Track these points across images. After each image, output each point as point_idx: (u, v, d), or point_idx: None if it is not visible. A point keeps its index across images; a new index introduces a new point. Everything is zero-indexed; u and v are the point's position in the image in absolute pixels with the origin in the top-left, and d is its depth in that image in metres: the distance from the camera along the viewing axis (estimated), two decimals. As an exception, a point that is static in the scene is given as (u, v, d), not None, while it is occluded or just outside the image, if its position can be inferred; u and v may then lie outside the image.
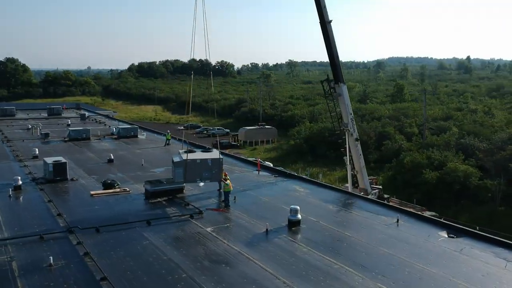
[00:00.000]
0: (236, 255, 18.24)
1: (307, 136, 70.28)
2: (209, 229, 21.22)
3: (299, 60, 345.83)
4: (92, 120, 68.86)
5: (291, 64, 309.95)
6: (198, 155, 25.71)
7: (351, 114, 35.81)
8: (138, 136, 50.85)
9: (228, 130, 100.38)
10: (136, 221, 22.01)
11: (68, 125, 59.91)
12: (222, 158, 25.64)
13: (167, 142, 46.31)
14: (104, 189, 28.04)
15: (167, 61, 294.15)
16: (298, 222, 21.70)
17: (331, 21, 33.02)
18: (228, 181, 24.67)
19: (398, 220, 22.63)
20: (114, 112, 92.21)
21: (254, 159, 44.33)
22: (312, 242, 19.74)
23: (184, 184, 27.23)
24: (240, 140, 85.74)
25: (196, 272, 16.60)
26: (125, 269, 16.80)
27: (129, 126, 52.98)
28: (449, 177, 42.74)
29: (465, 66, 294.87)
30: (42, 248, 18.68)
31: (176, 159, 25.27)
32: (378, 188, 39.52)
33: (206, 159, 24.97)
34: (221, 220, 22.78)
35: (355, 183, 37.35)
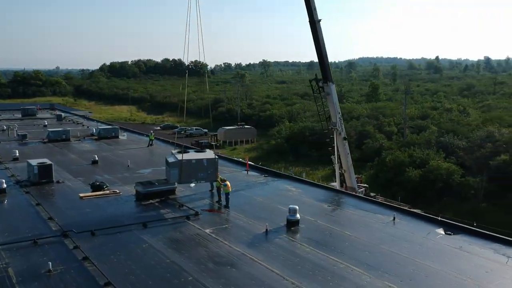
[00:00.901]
0: (240, 256, 17.98)
1: (288, 136, 70.44)
2: (207, 231, 20.89)
3: (272, 60, 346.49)
4: (69, 120, 67.30)
5: (264, 64, 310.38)
6: (193, 155, 25.29)
7: (339, 113, 35.94)
8: (119, 136, 49.88)
9: (206, 130, 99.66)
10: (132, 223, 21.49)
11: (45, 126, 58.38)
12: (217, 158, 25.30)
13: (150, 142, 45.54)
14: (92, 191, 27.34)
15: (139, 60, 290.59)
16: (297, 222, 21.57)
17: (320, 20, 33.09)
18: (227, 182, 24.33)
19: (394, 218, 22.76)
20: (89, 112, 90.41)
21: (241, 159, 43.97)
22: (314, 241, 19.64)
23: (176, 185, 26.80)
24: (220, 140, 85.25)
25: (201, 274, 16.28)
26: (127, 273, 16.34)
27: (109, 127, 51.97)
28: (432, 175, 43.44)
29: (434, 66, 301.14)
30: (37, 254, 18.01)
31: (171, 159, 24.78)
32: (364, 187, 39.85)
33: (202, 159, 24.58)
34: (218, 221, 22.47)
35: (342, 182, 37.49)
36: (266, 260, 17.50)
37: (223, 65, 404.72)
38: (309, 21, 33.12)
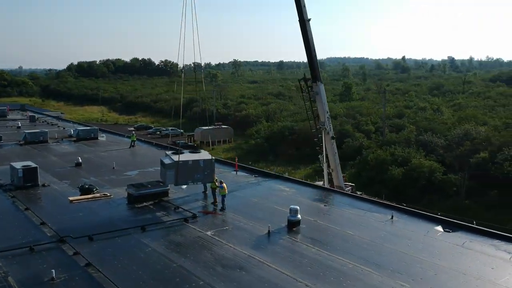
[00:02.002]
0: (247, 259, 17.68)
1: (267, 136, 70.35)
2: (209, 233, 20.50)
3: (241, 60, 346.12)
4: (43, 122, 65.27)
5: (236, 64, 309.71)
6: (188, 156, 24.79)
7: (327, 112, 36.02)
8: (98, 138, 48.69)
9: (182, 131, 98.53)
10: (129, 227, 20.89)
11: (19, 127, 56.41)
12: (214, 159, 24.91)
13: (132, 143, 44.56)
14: (81, 194, 26.48)
15: (108, 60, 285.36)
16: (298, 222, 21.42)
17: (310, 19, 33.06)
18: (223, 184, 23.93)
19: (392, 216, 22.89)
20: (62, 113, 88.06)
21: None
22: (318, 242, 19.53)
23: (169, 187, 26.27)
24: (197, 140, 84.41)
25: (212, 278, 15.92)
26: (135, 279, 15.83)
27: (88, 128, 50.66)
28: (414, 172, 44.11)
29: (401, 66, 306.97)
30: (35, 261, 17.26)
31: (167, 161, 24.23)
32: (351, 185, 40.09)
33: (198, 160, 24.13)
34: (218, 223, 22.08)
35: (329, 181, 37.57)
36: (275, 262, 17.26)
37: (192, 65, 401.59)
38: (299, 20, 33.06)
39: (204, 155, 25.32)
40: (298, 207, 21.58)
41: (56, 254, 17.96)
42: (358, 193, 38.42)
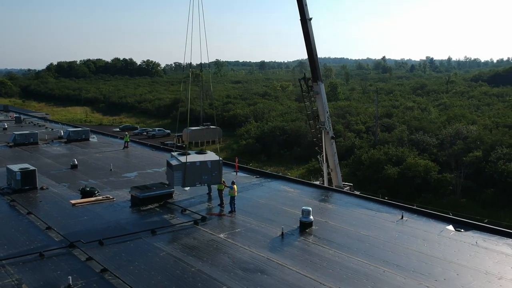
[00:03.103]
0: (266, 261, 17.33)
1: (258, 136, 70.03)
2: (222, 236, 20.10)
3: (223, 60, 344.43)
4: (29, 123, 63.76)
5: (218, 64, 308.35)
6: (195, 157, 24.28)
7: (327, 112, 35.86)
8: (90, 139, 47.74)
9: (169, 131, 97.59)
10: (139, 231, 20.35)
11: (5, 129, 54.94)
12: (221, 160, 24.48)
13: (126, 144, 43.76)
14: (82, 197, 25.80)
15: (88, 60, 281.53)
16: (310, 224, 21.16)
17: (311, 18, 32.85)
18: (234, 186, 23.49)
19: (402, 216, 22.82)
20: (46, 114, 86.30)
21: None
22: (334, 243, 19.29)
23: (174, 189, 25.78)
24: (185, 141, 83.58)
25: (234, 283, 15.54)
26: (156, 284, 15.35)
27: (79, 129, 49.61)
28: (410, 171, 44.31)
29: (382, 66, 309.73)
30: (48, 267, 16.63)
31: (174, 162, 23.68)
32: (349, 185, 40.03)
33: (206, 161, 23.65)
34: (228, 225, 21.69)
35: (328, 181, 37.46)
36: (295, 265, 16.97)
37: (173, 65, 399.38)
38: (300, 19, 32.83)
39: (211, 156, 24.85)
40: (310, 209, 21.32)
41: (68, 260, 17.34)
42: (357, 192, 38.43)
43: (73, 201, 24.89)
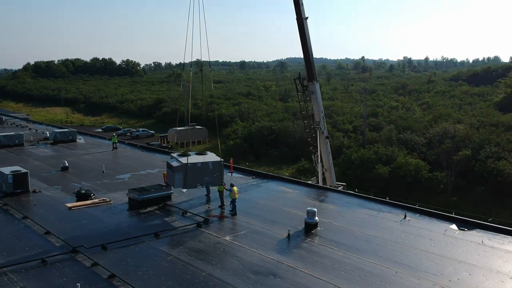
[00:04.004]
0: (276, 264, 17.04)
1: (246, 136, 69.66)
2: (227, 238, 19.74)
3: (203, 59, 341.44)
4: (11, 124, 62.15)
5: (199, 64, 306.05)
6: (196, 158, 23.81)
7: (322, 112, 35.74)
8: (77, 140, 46.75)
9: (153, 132, 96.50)
10: (142, 234, 19.83)
11: (-13, 130, 53.38)
12: (222, 161, 24.08)
13: (114, 145, 42.91)
14: (78, 200, 25.12)
15: (67, 60, 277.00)
16: (315, 225, 20.95)
17: (307, 18, 32.68)
18: (234, 188, 23.11)
19: (405, 216, 22.78)
20: (27, 115, 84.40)
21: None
22: (342, 244, 19.10)
23: (172, 191, 25.30)
24: (171, 142, 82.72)
25: (247, 286, 15.21)
26: (167, 290, 14.90)
27: (66, 130, 48.52)
28: (401, 171, 44.55)
29: (361, 66, 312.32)
30: (52, 274, 16.04)
31: (175, 163, 23.18)
32: (342, 185, 39.97)
33: (207, 162, 23.22)
34: (232, 228, 21.33)
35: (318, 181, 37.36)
36: (307, 267, 16.71)
37: (153, 65, 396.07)
38: (297, 19, 32.62)
39: (212, 157, 24.41)
40: (315, 210, 21.10)
41: (73, 266, 16.76)
42: (356, 192, 38.40)
43: (69, 205, 24.21)
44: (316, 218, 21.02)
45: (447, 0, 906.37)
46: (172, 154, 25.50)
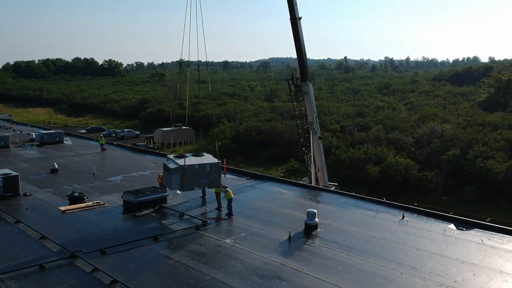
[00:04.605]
0: (281, 267, 16.84)
1: (234, 136, 69.35)
2: (228, 241, 19.47)
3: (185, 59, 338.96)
4: (-7, 125, 60.87)
5: (182, 64, 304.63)
6: (193, 160, 23.46)
7: (315, 112, 35.67)
8: (64, 142, 45.93)
9: (138, 132, 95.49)
10: (140, 238, 19.44)
11: (-30, 132, 52.12)
12: (220, 162, 23.78)
13: (102, 146, 42.22)
14: (70, 204, 24.58)
15: (48, 60, 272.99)
16: (316, 226, 20.81)
17: (301, 17, 32.55)
18: (228, 189, 22.84)
19: (403, 216, 22.80)
20: (9, 116, 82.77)
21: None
22: (344, 245, 19.00)
23: (168, 193, 24.93)
24: (157, 142, 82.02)
25: (254, 290, 14.98)
26: (172, 295, 14.59)
27: (53, 131, 47.63)
28: (391, 170, 44.78)
29: (344, 66, 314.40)
30: (51, 281, 15.60)
31: (171, 165, 22.79)
32: (334, 185, 39.97)
33: (204, 164, 22.89)
34: (232, 230, 21.05)
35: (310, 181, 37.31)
36: (312, 270, 16.53)
37: (135, 64, 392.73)
38: (290, 18, 32.47)
39: (209, 158, 24.09)
40: (315, 211, 20.97)
41: (72, 271, 16.32)
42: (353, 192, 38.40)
43: (62, 208, 23.67)
44: (316, 219, 20.88)
45: (426, 2, 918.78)
46: (168, 155, 25.12)
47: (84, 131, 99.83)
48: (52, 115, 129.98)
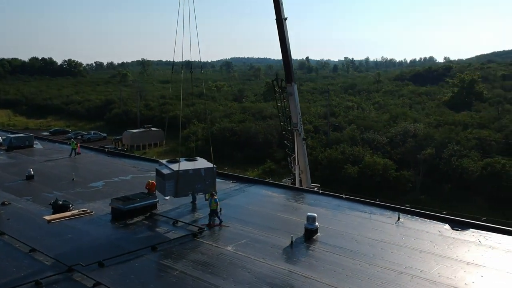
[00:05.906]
0: (290, 275, 16.42)
1: (207, 137, 68.24)
2: (230, 248, 18.87)
3: (146, 59, 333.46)
4: (-46, 129, 57.73)
5: (144, 63, 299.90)
6: (186, 164, 22.69)
7: (299, 113, 35.41)
8: (34, 146, 43.94)
9: (105, 134, 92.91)
10: (138, 248, 18.56)
11: None
12: (215, 167, 23.09)
13: (73, 151, 40.30)
14: (55, 212, 23.33)
15: (2, 59, 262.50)
16: (316, 231, 20.49)
17: (286, 18, 32.16)
18: (216, 198, 21.92)
19: (399, 218, 22.82)
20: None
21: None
22: (347, 250, 18.76)
23: (158, 199, 24.06)
24: (126, 145, 79.99)
25: (268, 301, 14.49)
26: (185, 309, 13.92)
27: (22, 135, 45.44)
28: (369, 170, 45.10)
29: (306, 66, 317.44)
30: (51, 297, 14.60)
31: (165, 170, 21.95)
32: (317, 186, 39.84)
33: (199, 169, 22.17)
34: (231, 237, 20.42)
35: (294, 182, 37.08)
36: (323, 277, 16.18)
37: (94, 64, 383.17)
38: (276, 19, 32.05)
39: (203, 163, 23.38)
40: (315, 215, 20.64)
41: (72, 286, 15.36)
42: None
43: (47, 217, 22.43)
44: (317, 223, 20.58)
45: (382, 3, 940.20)
46: (161, 161, 24.22)
47: (47, 133, 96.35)
48: (11, 117, 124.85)
